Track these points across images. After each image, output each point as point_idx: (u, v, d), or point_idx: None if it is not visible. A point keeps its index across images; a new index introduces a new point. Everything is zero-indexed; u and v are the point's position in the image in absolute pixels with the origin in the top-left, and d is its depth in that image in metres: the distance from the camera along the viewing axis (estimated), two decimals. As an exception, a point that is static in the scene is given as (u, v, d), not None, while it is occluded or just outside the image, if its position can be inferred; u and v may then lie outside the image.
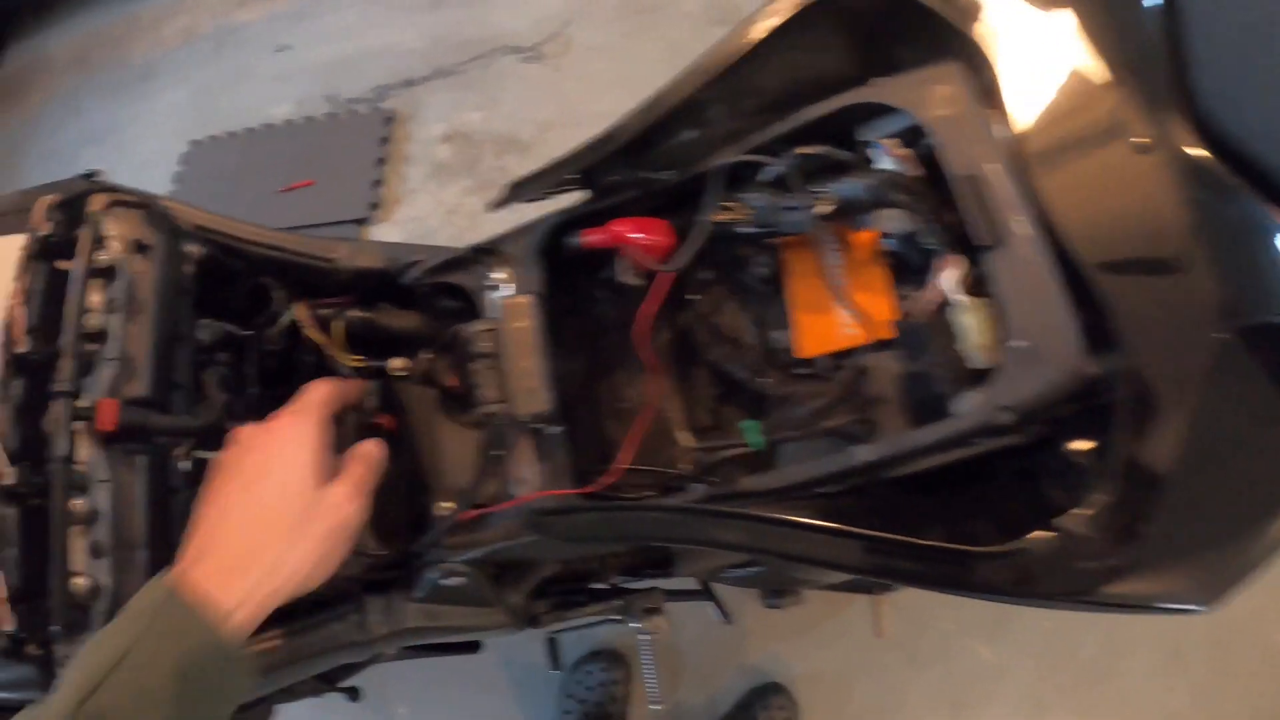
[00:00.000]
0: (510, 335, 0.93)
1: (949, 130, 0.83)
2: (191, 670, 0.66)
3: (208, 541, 0.74)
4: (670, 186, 0.99)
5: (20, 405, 0.87)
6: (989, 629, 1.93)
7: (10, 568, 0.83)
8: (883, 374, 0.93)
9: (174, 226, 1.00)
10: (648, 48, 2.62)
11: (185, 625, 0.68)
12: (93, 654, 0.67)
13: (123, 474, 0.87)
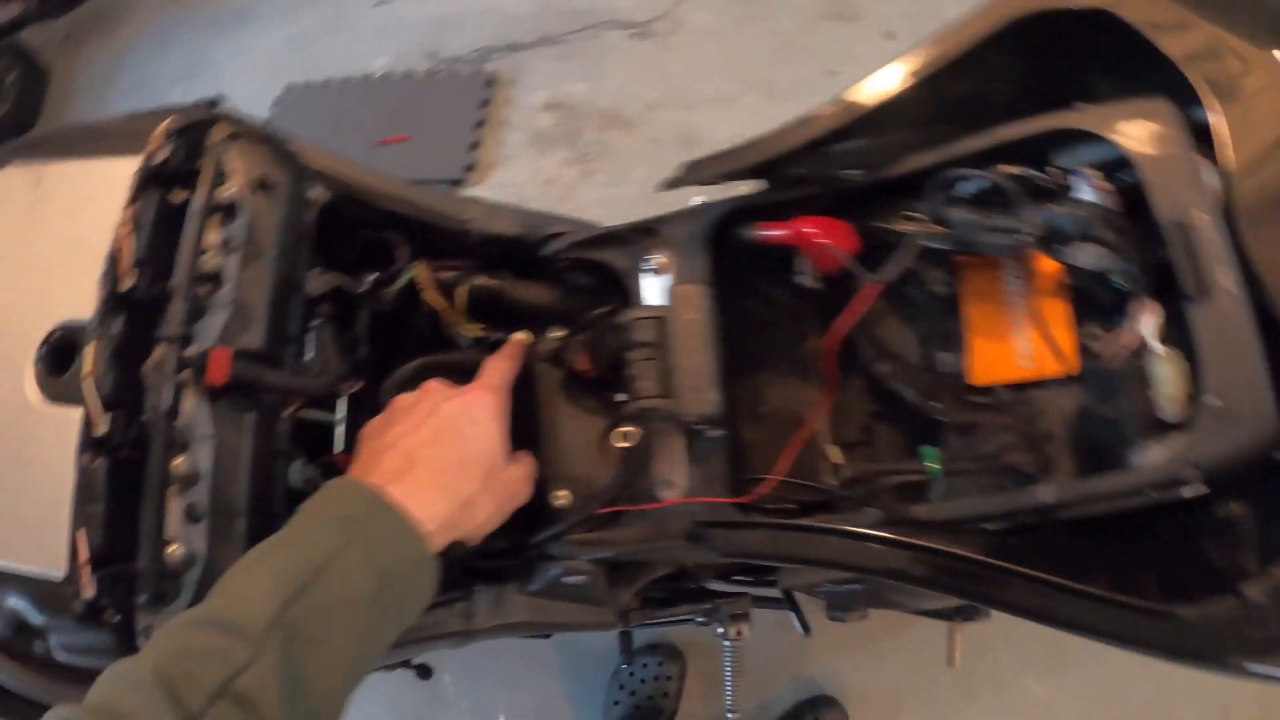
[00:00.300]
0: (680, 327, 0.83)
1: (1159, 171, 0.77)
2: (394, 579, 0.64)
3: (407, 465, 0.72)
4: (854, 188, 0.89)
5: (118, 347, 0.77)
6: (1044, 664, 1.85)
7: (94, 526, 0.72)
8: (1055, 411, 0.86)
9: (300, 167, 0.89)
10: (757, 36, 2.50)
11: (395, 534, 0.66)
12: (286, 558, 0.63)
13: (228, 432, 0.76)
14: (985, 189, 0.83)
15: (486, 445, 0.78)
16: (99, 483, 0.73)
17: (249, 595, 0.59)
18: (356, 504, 0.67)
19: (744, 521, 0.81)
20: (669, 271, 0.88)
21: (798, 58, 2.44)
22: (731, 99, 2.40)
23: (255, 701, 0.54)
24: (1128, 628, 0.72)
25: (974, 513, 0.78)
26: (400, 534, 0.66)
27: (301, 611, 0.58)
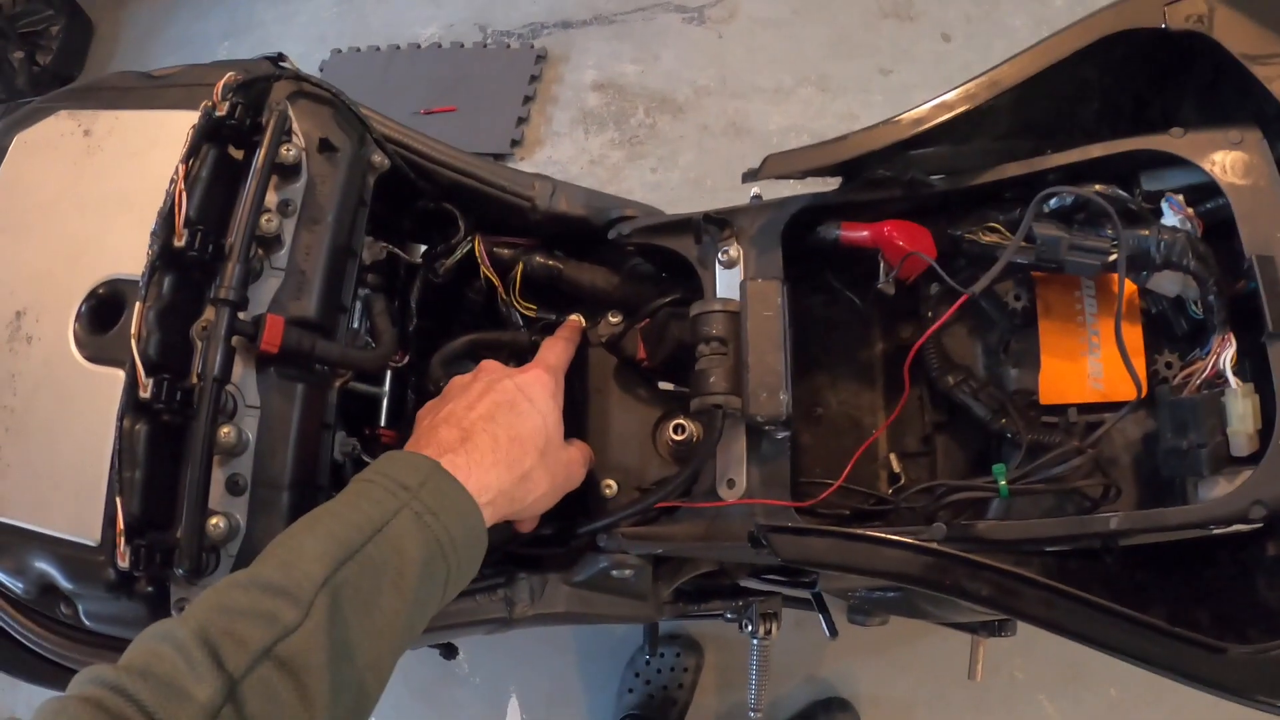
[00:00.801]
0: (754, 324, 0.79)
1: (1248, 202, 0.76)
2: (446, 547, 0.63)
3: (463, 437, 0.71)
4: (935, 194, 0.86)
5: (167, 307, 0.73)
6: (1058, 685, 1.83)
7: (132, 493, 0.69)
8: (1121, 437, 0.83)
9: (364, 131, 0.85)
10: (815, 30, 2.44)
11: (450, 502, 0.65)
12: (339, 522, 0.61)
13: (277, 402, 0.73)
14: (1071, 207, 0.81)
15: (542, 423, 0.76)
16: (139, 448, 0.69)
17: (299, 557, 0.57)
18: (412, 472, 0.64)
19: (808, 528, 0.78)
20: (740, 265, 0.85)
21: (853, 53, 2.38)
22: (784, 90, 2.35)
23: (300, 665, 0.53)
24: (1182, 661, 0.71)
25: (1040, 534, 0.76)
26: (456, 502, 0.65)
27: (352, 573, 0.57)
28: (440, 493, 0.64)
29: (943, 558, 0.74)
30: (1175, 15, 0.79)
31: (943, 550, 0.74)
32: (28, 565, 0.74)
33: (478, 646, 1.95)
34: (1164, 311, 0.83)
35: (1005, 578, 0.73)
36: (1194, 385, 0.78)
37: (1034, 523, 0.77)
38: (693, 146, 2.31)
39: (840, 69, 2.36)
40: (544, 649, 1.96)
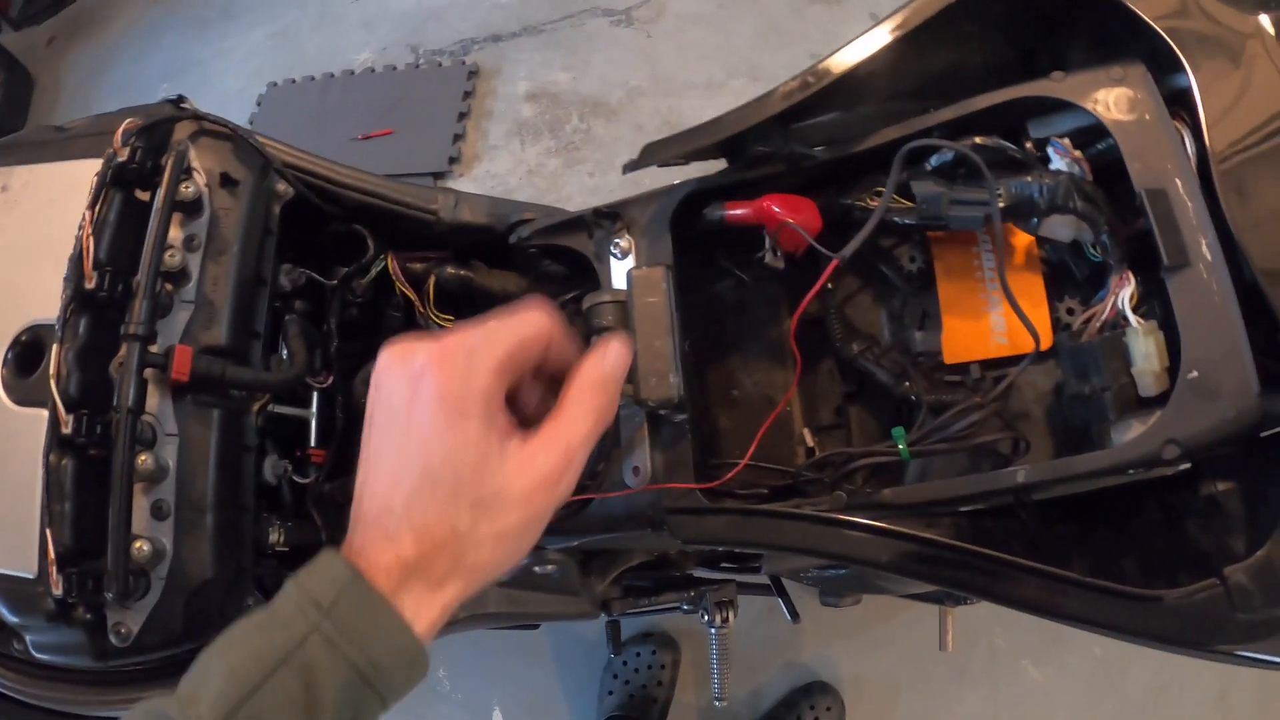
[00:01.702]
0: (641, 311, 0.81)
1: (1135, 139, 0.75)
2: (370, 674, 0.51)
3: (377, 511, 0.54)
4: (820, 164, 0.88)
5: (84, 347, 0.77)
6: (1040, 650, 1.87)
7: (61, 524, 0.73)
8: (1030, 389, 0.84)
9: (264, 162, 0.89)
10: (743, 22, 2.50)
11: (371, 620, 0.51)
12: (248, 648, 0.51)
13: (193, 429, 0.77)
14: (952, 162, 0.81)
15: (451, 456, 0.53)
16: (66, 481, 0.74)
17: (202, 692, 0.50)
18: (326, 584, 0.52)
19: (706, 508, 0.80)
20: (633, 255, 0.88)
21: (783, 41, 2.44)
22: (716, 84, 2.40)
23: None
24: (1106, 613, 0.70)
25: (945, 495, 0.77)
26: (376, 620, 0.52)
27: (254, 713, 0.49)
28: (356, 610, 0.51)
29: (841, 526, 0.76)
30: None
31: (839, 519, 0.76)
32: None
33: (458, 663, 2.00)
34: (1063, 258, 0.83)
35: (905, 541, 0.74)
36: (1094, 329, 0.78)
37: (938, 484, 0.78)
38: (628, 148, 2.32)
39: (771, 58, 2.41)
40: (524, 662, 1.99)
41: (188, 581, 0.76)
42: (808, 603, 1.75)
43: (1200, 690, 1.78)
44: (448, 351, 0.53)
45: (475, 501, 0.52)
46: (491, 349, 0.54)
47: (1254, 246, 0.69)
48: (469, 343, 0.53)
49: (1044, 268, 0.85)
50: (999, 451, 0.80)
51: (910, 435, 0.79)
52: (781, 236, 0.84)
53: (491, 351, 0.53)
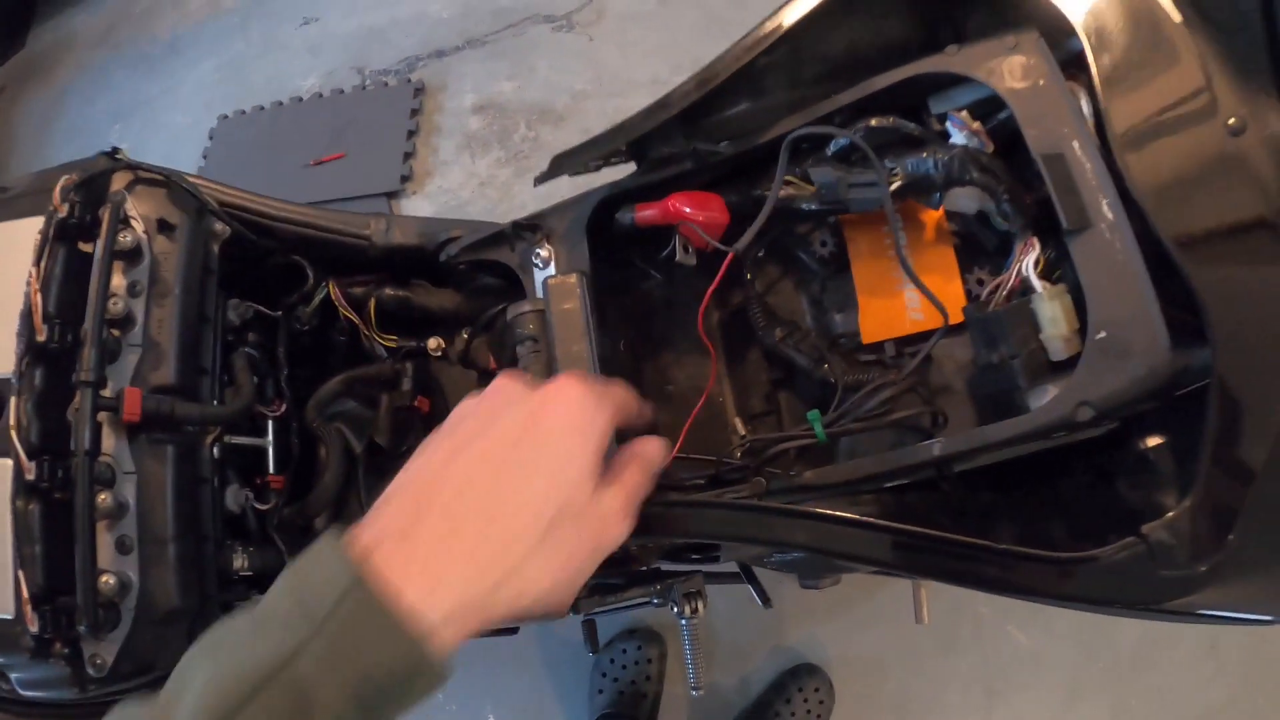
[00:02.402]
0: (558, 318, 0.87)
1: (1030, 105, 0.76)
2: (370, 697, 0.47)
3: (413, 516, 0.52)
4: (726, 159, 0.92)
5: (40, 396, 0.83)
6: (1026, 615, 1.90)
7: (33, 566, 0.79)
8: (950, 362, 0.87)
9: (199, 204, 0.95)
10: (684, 15, 2.55)
11: (373, 636, 0.47)
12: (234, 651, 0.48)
13: (149, 465, 0.83)
14: (848, 146, 0.84)
15: (574, 475, 0.55)
16: (34, 525, 0.79)
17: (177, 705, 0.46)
18: (325, 590, 0.48)
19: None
20: (553, 263, 0.93)
21: (726, 33, 2.42)
22: (661, 81, 2.44)
23: None
24: (1026, 578, 0.71)
25: (864, 473, 0.79)
26: (379, 635, 0.47)
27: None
28: (356, 623, 0.47)
29: (756, 511, 0.79)
30: None
31: (754, 504, 0.80)
32: None
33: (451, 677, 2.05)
34: (971, 230, 0.86)
35: (819, 521, 0.77)
36: (1002, 297, 0.79)
37: (856, 463, 0.80)
38: (578, 153, 2.40)
39: (713, 50, 2.36)
40: (514, 669, 2.05)
41: (156, 611, 0.81)
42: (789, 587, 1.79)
43: (1191, 642, 1.83)
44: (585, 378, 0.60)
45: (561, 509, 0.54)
46: (613, 398, 0.61)
47: (1152, 201, 0.70)
48: (597, 386, 0.60)
49: (955, 240, 0.88)
50: (919, 426, 0.83)
51: (828, 416, 0.83)
52: (690, 234, 0.89)
53: (613, 399, 0.61)
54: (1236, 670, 1.80)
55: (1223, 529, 0.66)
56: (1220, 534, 0.66)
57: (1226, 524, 0.66)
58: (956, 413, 0.85)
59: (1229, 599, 0.67)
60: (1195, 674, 1.81)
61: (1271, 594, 0.68)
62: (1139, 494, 0.75)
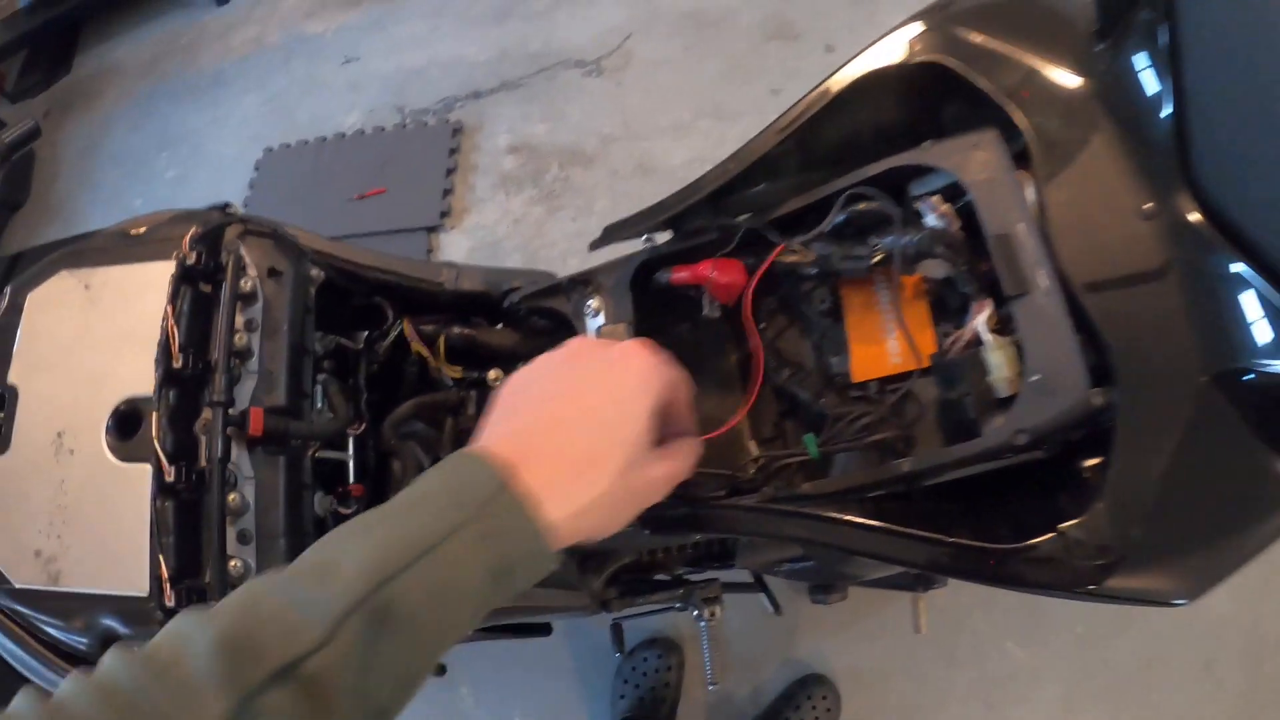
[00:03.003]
0: None
1: (986, 193, 0.95)
2: (505, 574, 0.59)
3: (538, 442, 0.65)
4: (746, 230, 1.11)
5: (174, 413, 1.02)
6: (1024, 632, 2.01)
7: (168, 553, 0.97)
8: (922, 398, 1.06)
9: (300, 253, 1.14)
10: (707, 62, 2.72)
11: (516, 528, 0.60)
12: (393, 530, 0.58)
13: (265, 472, 1.01)
14: (843, 224, 1.04)
15: (639, 424, 0.67)
16: (169, 519, 0.98)
17: (338, 568, 0.55)
18: (477, 488, 0.60)
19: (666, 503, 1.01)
20: (602, 313, 1.12)
21: (744, 79, 2.67)
22: (684, 125, 2.63)
23: (321, 688, 0.52)
24: (967, 564, 0.88)
25: (849, 484, 0.98)
26: (520, 531, 0.60)
27: (396, 594, 0.54)
28: (506, 513, 0.59)
29: (764, 513, 0.98)
30: (916, 51, 1.03)
31: (763, 507, 0.98)
32: (93, 622, 1.01)
33: (479, 682, 2.19)
34: (941, 291, 1.04)
35: (813, 520, 0.95)
36: (960, 347, 0.98)
37: (843, 476, 1.00)
38: (606, 192, 2.58)
39: (734, 96, 2.64)
40: (540, 676, 2.18)
41: (267, 593, 1.00)
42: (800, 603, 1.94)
43: (1187, 661, 1.90)
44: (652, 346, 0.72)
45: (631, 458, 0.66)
46: (673, 370, 0.73)
47: (1076, 273, 0.89)
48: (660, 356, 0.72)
49: (929, 299, 1.07)
50: (894, 448, 1.02)
51: (821, 438, 1.02)
52: (715, 292, 1.09)
53: (673, 371, 0.73)
54: (1233, 688, 1.88)
55: (1125, 528, 0.83)
56: (1123, 532, 0.83)
57: (1128, 524, 0.84)
58: (925, 438, 1.04)
59: (1133, 584, 0.84)
60: (1191, 692, 1.89)
61: (1169, 581, 0.85)
62: (1072, 504, 0.87)
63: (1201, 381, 0.84)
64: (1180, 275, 0.88)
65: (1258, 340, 0.82)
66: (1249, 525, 0.84)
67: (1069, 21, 1.03)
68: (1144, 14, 0.94)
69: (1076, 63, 1.00)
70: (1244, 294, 0.83)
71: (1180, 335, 0.86)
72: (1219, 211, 0.87)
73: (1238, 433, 0.84)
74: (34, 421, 1.08)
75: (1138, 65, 0.95)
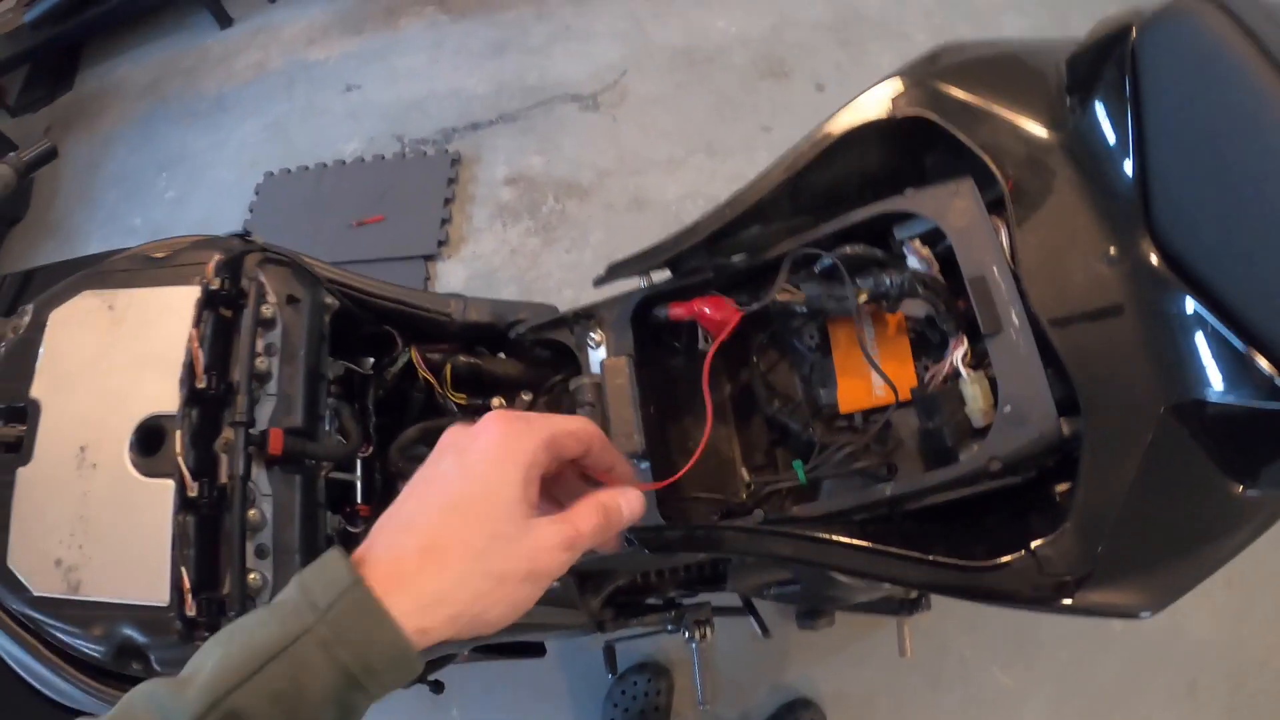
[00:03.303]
0: (611, 390, 1.13)
1: (964, 238, 1.03)
2: (362, 677, 0.57)
3: (382, 539, 0.63)
4: (740, 270, 1.19)
5: (196, 431, 1.07)
6: (1007, 656, 2.07)
7: (188, 565, 1.03)
8: (904, 428, 1.13)
9: (316, 282, 1.20)
10: (699, 99, 2.81)
11: (366, 628, 0.57)
12: (248, 636, 0.57)
13: (282, 490, 1.07)
14: (830, 266, 1.11)
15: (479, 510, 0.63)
16: (190, 532, 1.03)
17: (197, 675, 0.56)
18: (328, 587, 0.58)
19: (664, 525, 1.08)
20: (604, 345, 1.19)
21: (736, 116, 2.76)
22: (677, 160, 2.70)
23: None
24: (946, 580, 0.94)
25: (835, 508, 1.05)
26: (371, 628, 0.57)
27: (240, 703, 0.54)
28: (353, 616, 0.57)
29: (755, 533, 1.04)
30: (900, 104, 1.11)
31: (755, 528, 1.05)
32: (112, 630, 1.04)
33: (471, 704, 2.22)
34: (921, 329, 1.13)
35: (800, 540, 1.02)
36: (939, 381, 1.07)
37: (829, 500, 1.07)
38: (600, 225, 2.64)
39: (726, 133, 2.72)
40: (531, 698, 2.22)
41: (283, 605, 1.06)
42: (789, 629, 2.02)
43: (1169, 683, 1.98)
44: (511, 415, 0.67)
45: (493, 535, 0.61)
46: (546, 426, 0.67)
47: (1045, 312, 0.97)
48: (529, 416, 0.68)
49: (911, 335, 1.15)
50: (877, 475, 1.10)
51: (809, 465, 1.10)
52: (709, 328, 1.16)
53: (546, 426, 0.67)
54: (1215, 710, 1.95)
55: (1092, 547, 0.90)
56: (1089, 551, 0.90)
57: (1095, 543, 0.90)
58: (907, 465, 1.12)
59: (1100, 599, 0.91)
60: (1174, 713, 1.95)
61: (1134, 596, 0.91)
62: (1043, 525, 0.93)
63: (1161, 411, 0.92)
64: (1141, 314, 0.95)
65: (1210, 374, 0.90)
66: (1207, 543, 0.92)
67: (1042, 78, 1.11)
68: (1110, 73, 1.02)
69: (1048, 117, 1.08)
70: (1198, 331, 0.91)
71: (1141, 369, 0.94)
72: (1176, 255, 0.95)
73: (1194, 458, 0.91)
74: (57, 435, 1.11)
75: (1104, 120, 1.03)
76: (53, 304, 1.19)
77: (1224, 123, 0.90)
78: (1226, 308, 0.89)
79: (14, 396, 1.13)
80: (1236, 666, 1.98)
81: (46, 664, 1.11)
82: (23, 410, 1.12)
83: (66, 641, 1.08)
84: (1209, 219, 0.93)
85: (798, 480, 1.11)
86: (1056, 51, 1.11)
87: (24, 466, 1.10)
